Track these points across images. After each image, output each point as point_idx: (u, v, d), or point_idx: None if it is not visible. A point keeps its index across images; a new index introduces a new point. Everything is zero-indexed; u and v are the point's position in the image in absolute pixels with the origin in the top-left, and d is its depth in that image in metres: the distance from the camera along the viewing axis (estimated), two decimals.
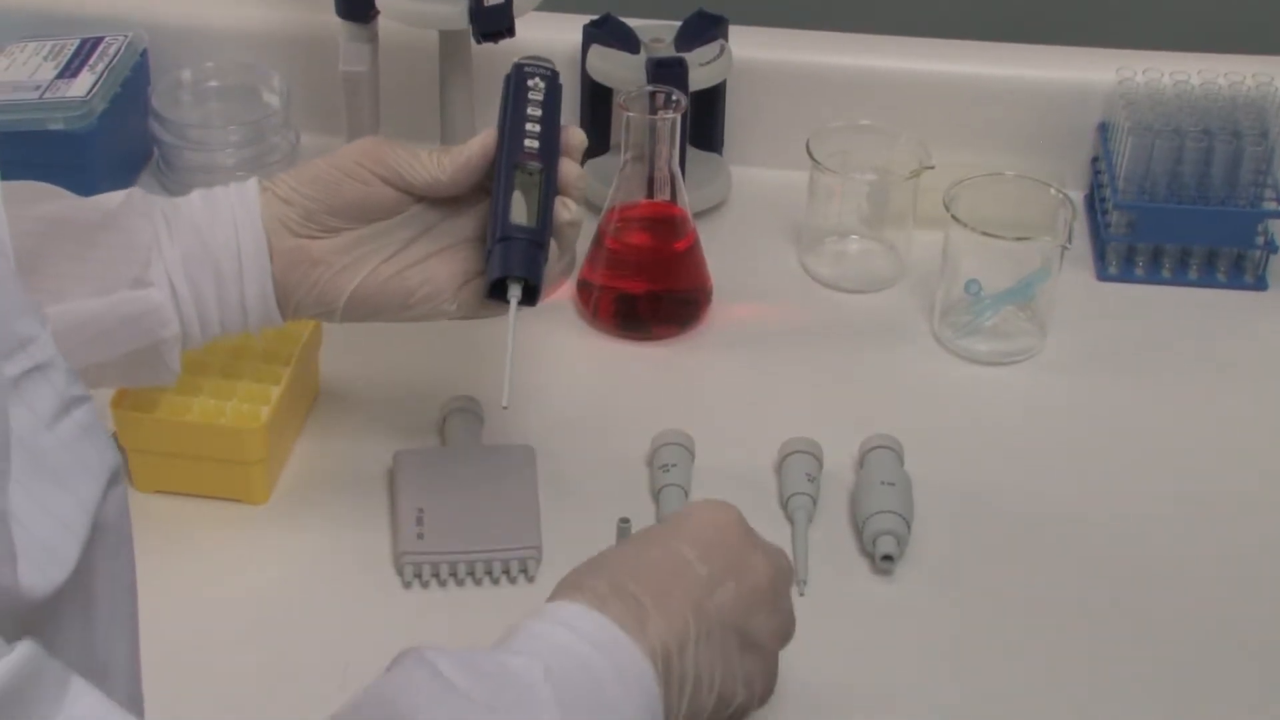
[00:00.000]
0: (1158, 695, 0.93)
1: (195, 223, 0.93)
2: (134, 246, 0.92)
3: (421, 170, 0.94)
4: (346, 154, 0.96)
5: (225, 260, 0.93)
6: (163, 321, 0.92)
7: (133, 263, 0.91)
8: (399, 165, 0.94)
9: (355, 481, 1.05)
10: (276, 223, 0.94)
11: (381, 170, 0.94)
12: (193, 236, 0.93)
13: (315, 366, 1.10)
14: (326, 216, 0.94)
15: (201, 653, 0.93)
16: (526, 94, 0.96)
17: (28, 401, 0.57)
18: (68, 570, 0.56)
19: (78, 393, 0.59)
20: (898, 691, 0.93)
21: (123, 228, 0.92)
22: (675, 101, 1.12)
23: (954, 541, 1.02)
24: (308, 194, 0.94)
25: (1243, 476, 1.08)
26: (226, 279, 0.93)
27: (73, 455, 0.58)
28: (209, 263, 0.93)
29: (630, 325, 1.17)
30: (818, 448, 1.05)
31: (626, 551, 0.82)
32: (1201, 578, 1.00)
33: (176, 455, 1.02)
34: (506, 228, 0.91)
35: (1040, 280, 1.15)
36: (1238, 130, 1.21)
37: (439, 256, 0.96)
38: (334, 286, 0.95)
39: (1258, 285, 1.24)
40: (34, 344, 0.57)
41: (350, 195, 0.94)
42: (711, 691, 0.79)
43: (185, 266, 0.92)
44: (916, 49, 1.33)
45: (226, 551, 1.01)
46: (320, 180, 0.95)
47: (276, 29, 1.34)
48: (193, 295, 0.93)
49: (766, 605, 0.82)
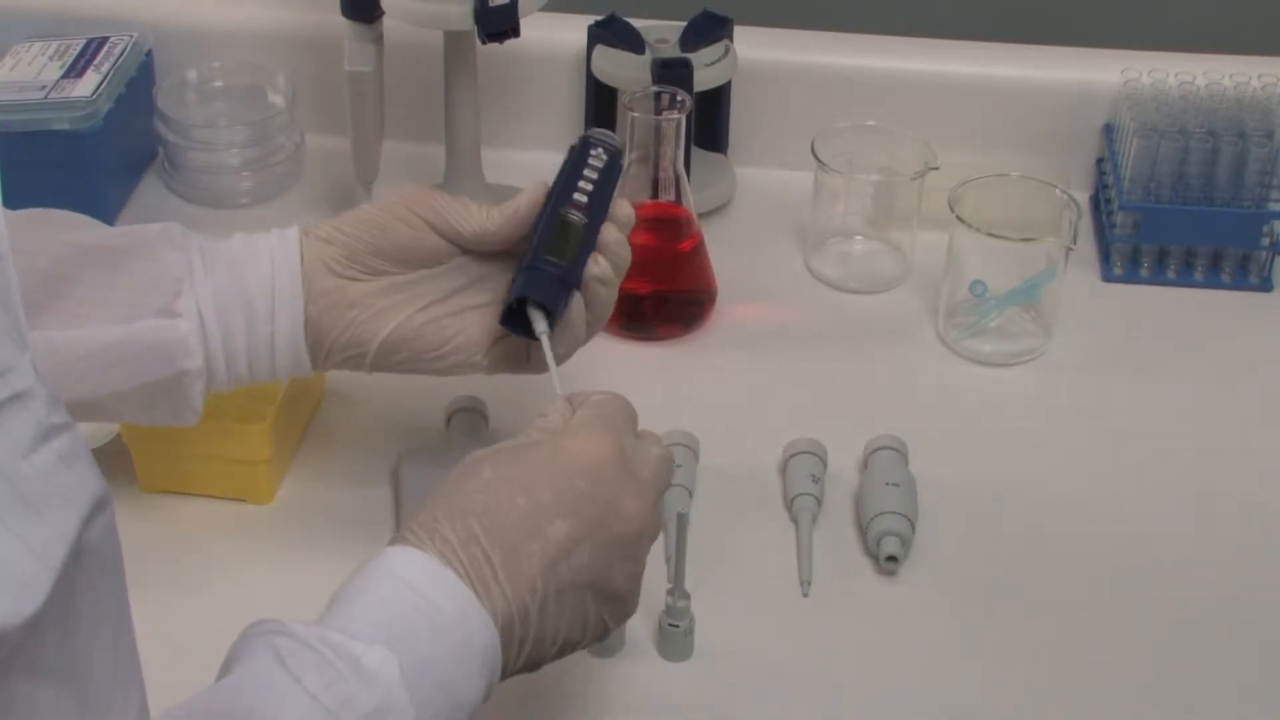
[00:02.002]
0: (1162, 695, 0.93)
1: (231, 258, 0.93)
2: (164, 276, 0.91)
3: (471, 220, 0.94)
4: (398, 199, 0.95)
5: (258, 298, 0.92)
6: (187, 353, 0.91)
7: (162, 292, 0.91)
8: (448, 214, 0.94)
9: (360, 482, 1.05)
10: (317, 263, 0.93)
11: (431, 217, 0.94)
12: (227, 272, 0.92)
13: None
14: (370, 258, 0.93)
15: (205, 653, 0.93)
16: (587, 159, 0.96)
17: (5, 430, 0.56)
18: (39, 601, 0.56)
19: (58, 420, 0.58)
20: (902, 692, 0.93)
21: (155, 257, 0.91)
22: (680, 102, 1.12)
23: (958, 542, 1.02)
24: (352, 234, 0.94)
25: (1248, 477, 1.07)
26: (258, 317, 0.92)
27: (50, 485, 0.57)
28: (241, 299, 0.92)
29: (635, 326, 1.17)
30: (822, 448, 1.05)
31: (488, 493, 0.79)
32: (1207, 578, 1.00)
33: (181, 455, 1.02)
34: (537, 257, 0.92)
35: (1045, 281, 1.14)
36: (1243, 131, 1.21)
37: (476, 311, 0.95)
38: (368, 329, 0.93)
39: (1263, 286, 1.24)
40: (13, 372, 0.57)
41: (398, 239, 0.93)
42: (554, 644, 0.79)
43: (216, 300, 0.92)
44: (922, 50, 1.33)
45: (231, 551, 1.01)
46: (368, 222, 0.94)
47: (282, 29, 1.34)
48: (221, 331, 0.92)
49: (629, 554, 0.81)
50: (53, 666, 0.58)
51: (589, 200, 0.94)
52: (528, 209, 0.94)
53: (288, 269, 0.93)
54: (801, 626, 0.96)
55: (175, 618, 0.92)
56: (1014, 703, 0.93)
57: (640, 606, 0.94)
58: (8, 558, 0.55)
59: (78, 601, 0.59)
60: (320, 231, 0.94)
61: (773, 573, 0.99)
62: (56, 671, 0.58)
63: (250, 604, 0.97)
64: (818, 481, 1.03)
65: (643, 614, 0.95)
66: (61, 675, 0.58)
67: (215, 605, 0.96)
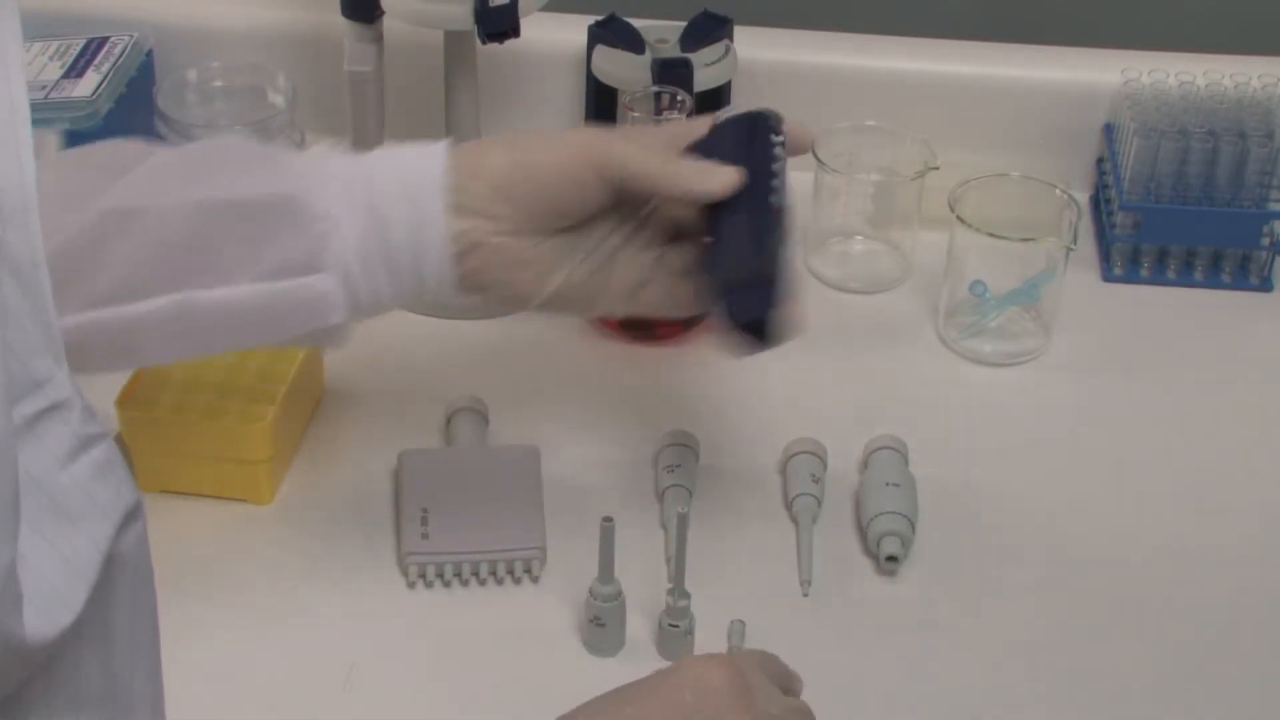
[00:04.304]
0: (1162, 694, 0.93)
1: (375, 203, 0.88)
2: (308, 233, 0.87)
3: (673, 183, 0.89)
4: (575, 155, 0.89)
5: (403, 252, 0.88)
6: (332, 308, 0.88)
7: (305, 250, 0.87)
8: (643, 176, 0.89)
9: (360, 481, 1.05)
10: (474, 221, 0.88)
11: (618, 175, 0.89)
12: (372, 221, 0.87)
13: (320, 365, 1.11)
14: (537, 221, 0.89)
15: (205, 653, 0.93)
16: (772, 148, 0.91)
17: (43, 441, 0.56)
18: (75, 612, 0.56)
19: (94, 431, 0.59)
20: (902, 692, 0.93)
21: (298, 209, 0.87)
22: (680, 102, 1.12)
23: (958, 542, 1.02)
24: (520, 203, 0.89)
25: (1248, 477, 1.08)
26: (403, 272, 0.88)
27: (86, 495, 0.58)
28: (384, 252, 0.88)
29: (635, 326, 1.17)
30: (822, 448, 1.05)
31: (599, 704, 0.78)
32: (1207, 578, 1.00)
33: (181, 454, 1.02)
34: (768, 263, 0.88)
35: (1045, 281, 1.14)
36: (1243, 131, 1.21)
37: (627, 253, 0.92)
38: (528, 290, 0.90)
39: (1263, 286, 1.24)
40: (50, 383, 0.57)
41: (567, 203, 0.89)
42: None
43: (362, 253, 0.87)
44: (922, 50, 1.33)
45: (231, 551, 1.01)
46: (536, 185, 0.89)
47: (282, 29, 1.34)
48: (367, 284, 0.88)
49: None
50: (95, 694, 0.58)
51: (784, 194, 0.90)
52: (731, 186, 0.89)
53: (437, 228, 0.88)
54: (801, 626, 0.96)
55: (175, 618, 0.92)
56: (1014, 703, 0.93)
57: (640, 606, 0.94)
58: (44, 570, 0.55)
59: (114, 614, 0.60)
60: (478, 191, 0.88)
61: (773, 573, 0.99)
62: (99, 700, 0.58)
63: (250, 604, 0.97)
64: (818, 481, 1.03)
65: (643, 614, 0.95)
66: (103, 703, 0.58)
67: (215, 605, 0.97)
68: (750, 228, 0.89)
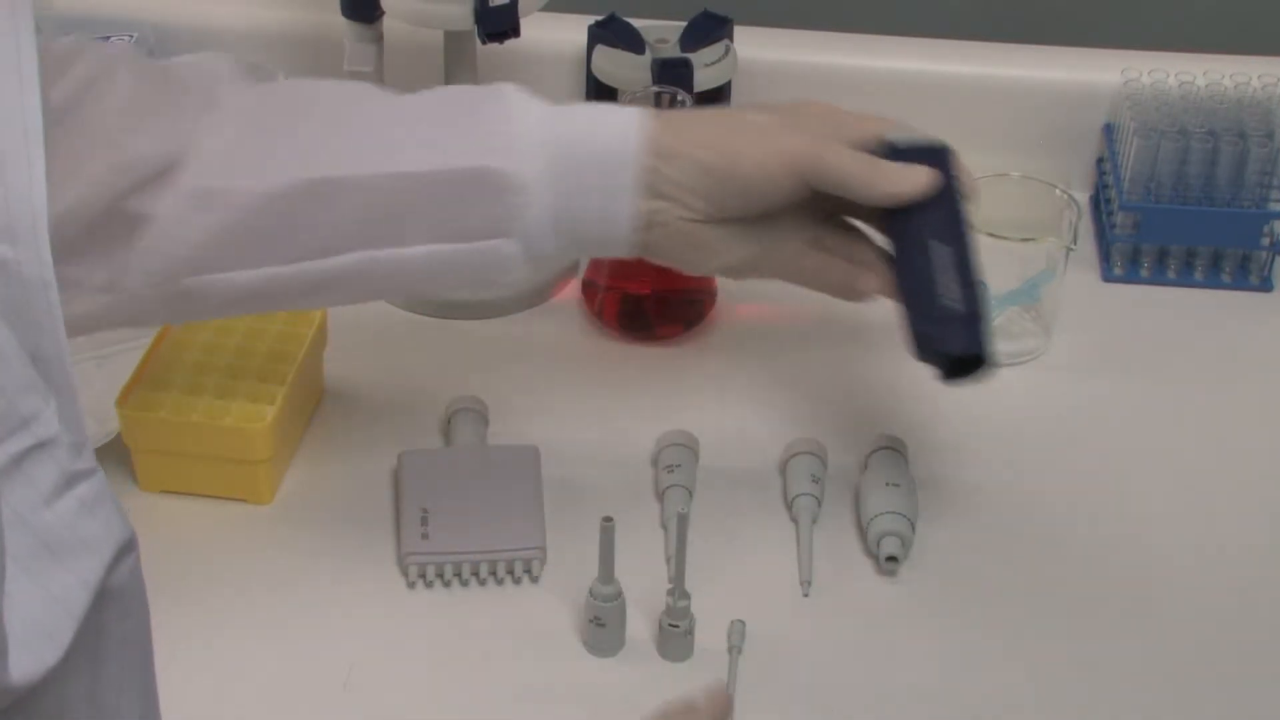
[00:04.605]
0: (1163, 696, 0.93)
1: (570, 173, 0.89)
2: (503, 203, 0.89)
3: (873, 191, 0.92)
4: (785, 162, 0.91)
5: (588, 224, 0.90)
6: (511, 267, 0.91)
7: (497, 218, 0.89)
8: (849, 186, 0.92)
9: (360, 481, 1.05)
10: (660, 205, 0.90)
11: (823, 184, 0.91)
12: (561, 187, 0.89)
13: (320, 366, 1.11)
14: (728, 213, 0.91)
15: (205, 653, 0.93)
16: (957, 182, 0.94)
17: (29, 479, 0.56)
18: (62, 649, 0.56)
19: (83, 467, 0.58)
20: (902, 693, 0.93)
21: (498, 181, 0.89)
22: (680, 102, 1.12)
23: (958, 543, 1.02)
24: (716, 199, 0.91)
25: (1248, 477, 1.07)
26: (583, 238, 0.91)
27: (73, 532, 0.57)
28: (572, 218, 0.90)
29: (635, 325, 1.17)
30: (822, 448, 1.05)
31: None
32: (1207, 578, 1.00)
33: (181, 455, 1.02)
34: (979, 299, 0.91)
35: (1045, 281, 1.14)
36: (1243, 131, 1.21)
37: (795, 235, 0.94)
38: (704, 266, 0.95)
39: (1263, 286, 1.24)
40: (37, 421, 0.56)
41: (767, 202, 0.92)
42: None
43: (550, 218, 0.90)
44: (921, 50, 1.33)
45: (231, 551, 1.01)
46: (733, 183, 0.91)
47: (282, 29, 1.34)
48: (548, 245, 0.90)
49: None
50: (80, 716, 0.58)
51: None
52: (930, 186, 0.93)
53: (627, 204, 0.90)
54: (801, 626, 0.96)
55: (175, 618, 0.92)
56: (1014, 703, 0.93)
57: (640, 606, 0.94)
58: (31, 608, 0.55)
59: (104, 647, 0.59)
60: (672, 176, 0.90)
61: (773, 573, 0.99)
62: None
63: (250, 604, 0.97)
64: (818, 482, 1.03)
65: (643, 614, 0.95)
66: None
67: (215, 605, 0.97)
68: (957, 260, 0.91)
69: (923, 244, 0.92)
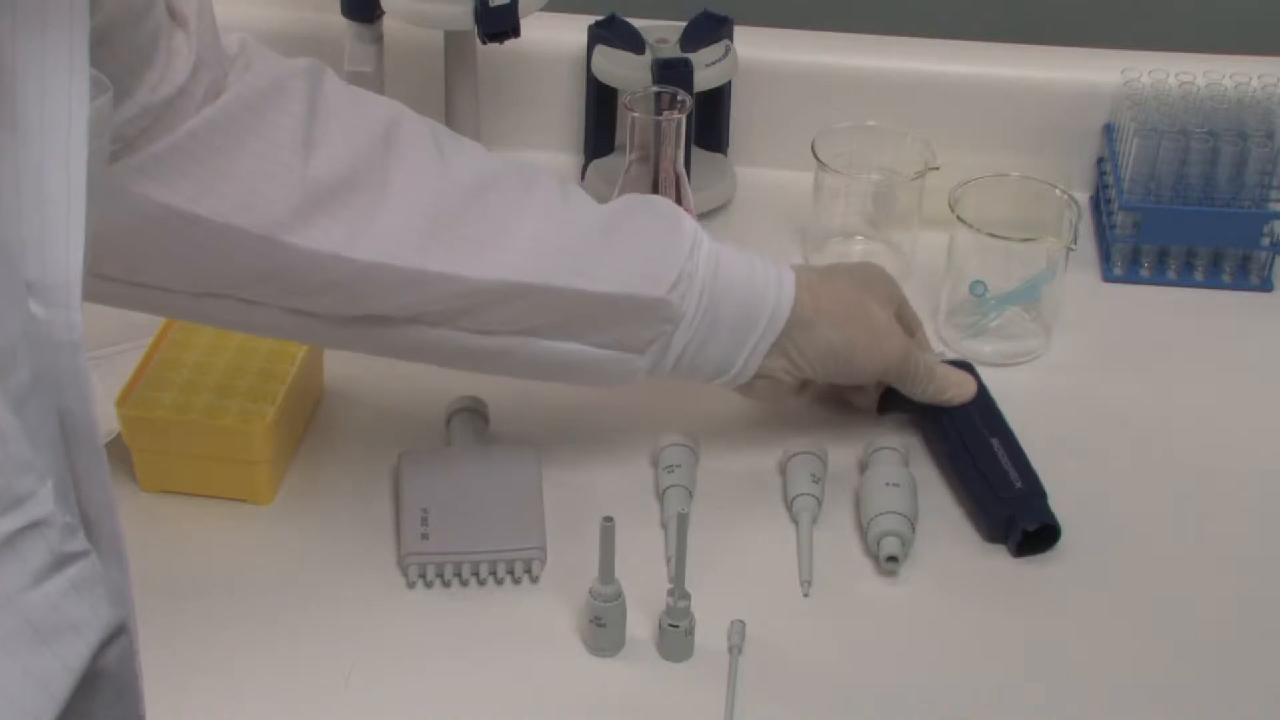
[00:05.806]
0: (1163, 695, 0.93)
1: (715, 319, 0.99)
2: (655, 328, 0.98)
3: (925, 391, 1.05)
4: (881, 362, 1.03)
5: (711, 363, 1.01)
6: (633, 377, 1.01)
7: (644, 339, 0.99)
8: (910, 387, 1.05)
9: (360, 482, 1.05)
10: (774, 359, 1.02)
11: (892, 380, 1.05)
12: (701, 328, 0.99)
13: (320, 366, 1.11)
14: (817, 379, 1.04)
15: (205, 653, 0.93)
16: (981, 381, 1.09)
17: (19, 558, 0.56)
18: None
19: (74, 549, 0.58)
20: (902, 693, 0.93)
21: (660, 311, 0.98)
22: (680, 102, 1.12)
23: (958, 543, 1.02)
24: (819, 372, 1.03)
25: (1248, 477, 1.07)
26: (700, 369, 1.01)
27: (60, 615, 0.57)
28: (700, 354, 1.00)
29: None
30: (822, 449, 1.05)
31: None
32: (1207, 579, 1.00)
33: (181, 455, 1.02)
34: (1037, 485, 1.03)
35: (1045, 281, 1.14)
36: (1243, 131, 1.21)
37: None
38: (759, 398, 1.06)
39: (1263, 286, 1.24)
40: (31, 500, 0.57)
41: (847, 380, 1.05)
42: None
43: (683, 349, 1.00)
44: (922, 50, 1.33)
45: (231, 551, 1.01)
46: (834, 364, 1.03)
47: (282, 29, 1.34)
48: (667, 366, 1.00)
49: None
50: None
51: None
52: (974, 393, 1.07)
53: (749, 356, 1.01)
54: (801, 626, 0.96)
55: (175, 618, 0.93)
56: (1014, 703, 0.92)
57: (640, 606, 0.94)
58: (10, 690, 0.55)
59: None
60: (800, 343, 1.01)
61: (773, 573, 0.99)
62: None
63: (250, 604, 0.97)
64: (818, 482, 1.03)
65: (643, 614, 0.95)
66: None
67: (215, 605, 0.97)
68: (1011, 450, 1.04)
69: (984, 440, 1.04)
